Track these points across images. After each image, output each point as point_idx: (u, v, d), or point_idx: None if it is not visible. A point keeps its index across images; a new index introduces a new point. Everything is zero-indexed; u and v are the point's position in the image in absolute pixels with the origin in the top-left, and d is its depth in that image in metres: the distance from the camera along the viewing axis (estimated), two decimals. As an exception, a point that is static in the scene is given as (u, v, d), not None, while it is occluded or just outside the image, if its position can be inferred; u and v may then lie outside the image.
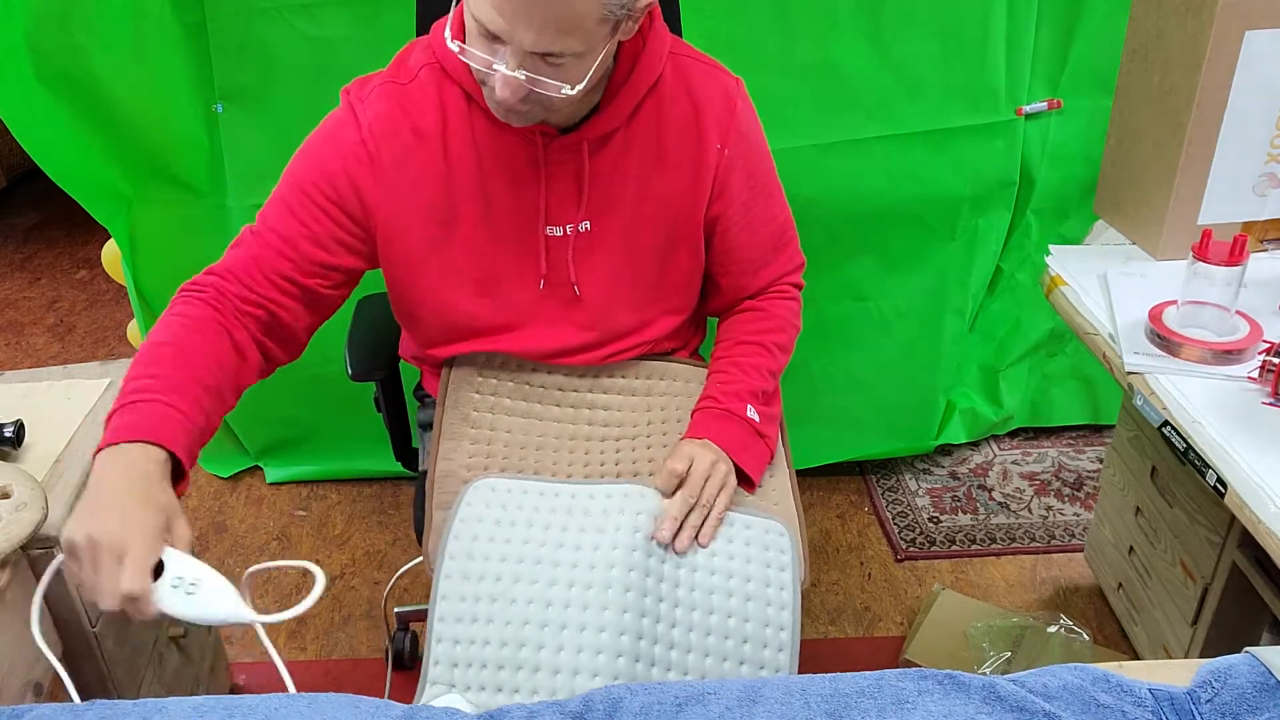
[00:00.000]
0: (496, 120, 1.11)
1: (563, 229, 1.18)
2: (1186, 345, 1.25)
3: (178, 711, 0.82)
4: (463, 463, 1.20)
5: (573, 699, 0.83)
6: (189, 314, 1.08)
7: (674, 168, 1.18)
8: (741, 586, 1.07)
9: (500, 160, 1.14)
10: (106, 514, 0.88)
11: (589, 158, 1.15)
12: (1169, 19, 1.38)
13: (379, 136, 1.12)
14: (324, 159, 1.13)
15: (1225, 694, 0.81)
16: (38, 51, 1.73)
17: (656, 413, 1.28)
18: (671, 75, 1.16)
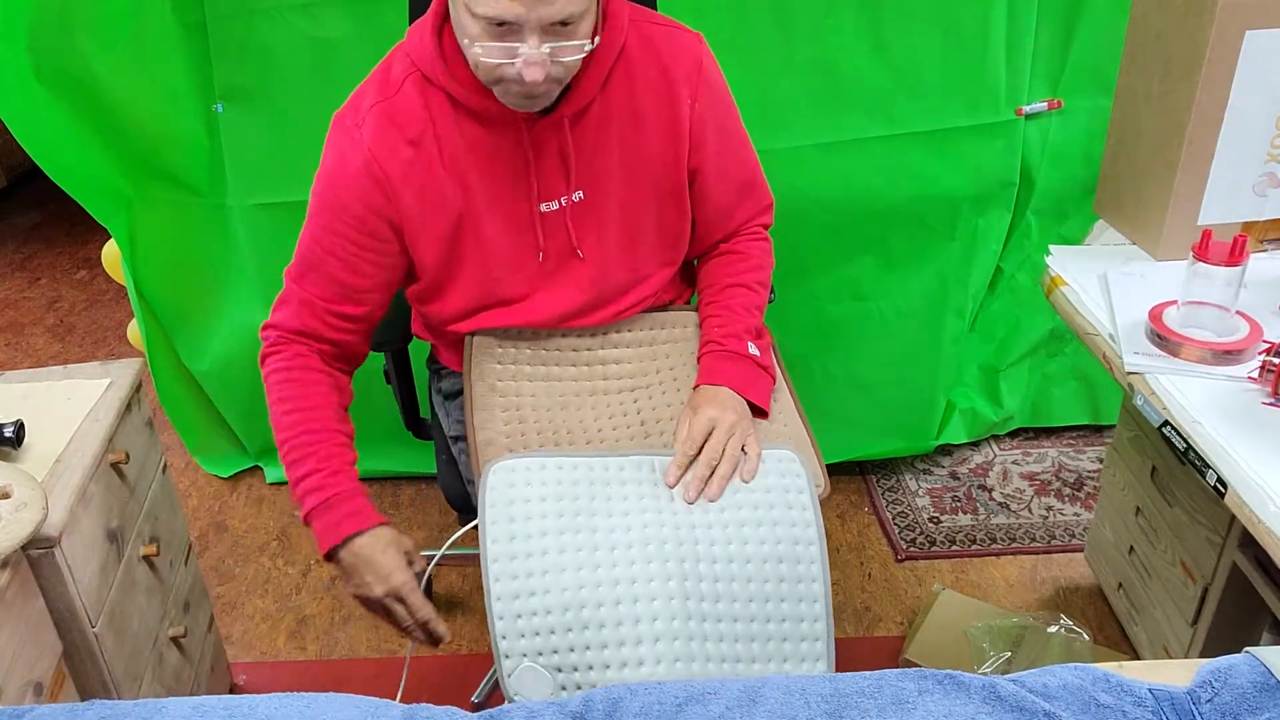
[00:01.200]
0: (479, 117, 1.18)
1: (557, 202, 1.24)
2: (1186, 345, 1.25)
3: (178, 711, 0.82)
4: (499, 430, 1.27)
5: (572, 699, 0.84)
6: (298, 378, 1.24)
7: (652, 128, 1.24)
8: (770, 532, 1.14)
9: (489, 152, 1.20)
10: (373, 578, 1.22)
11: (570, 131, 1.20)
12: (1169, 19, 1.38)
13: (381, 157, 1.18)
14: (342, 196, 1.20)
15: (1225, 694, 0.81)
16: (38, 51, 1.73)
17: (663, 360, 1.36)
18: (635, 41, 1.22)
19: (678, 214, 1.32)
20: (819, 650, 1.11)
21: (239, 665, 1.88)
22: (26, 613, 1.17)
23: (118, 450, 1.39)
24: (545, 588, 1.08)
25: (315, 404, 1.24)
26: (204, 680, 1.66)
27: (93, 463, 1.30)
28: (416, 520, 2.24)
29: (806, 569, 1.13)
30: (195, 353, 2.16)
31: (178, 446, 2.39)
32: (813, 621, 1.11)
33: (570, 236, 1.27)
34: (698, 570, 1.09)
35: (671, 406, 1.30)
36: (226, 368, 2.16)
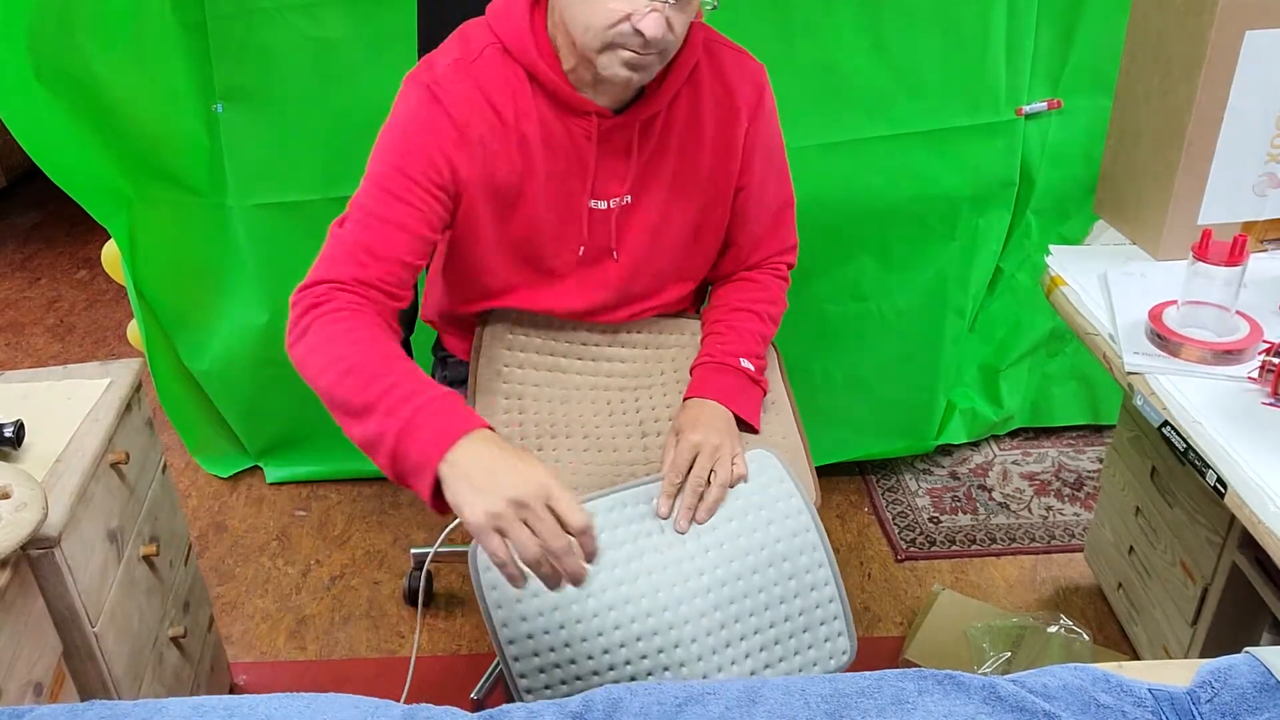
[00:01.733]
0: (556, 102, 1.19)
1: (607, 202, 1.26)
2: (1186, 345, 1.25)
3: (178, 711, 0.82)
4: (499, 419, 1.28)
5: (572, 699, 0.84)
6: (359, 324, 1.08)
7: (708, 146, 1.27)
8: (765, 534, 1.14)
9: (556, 138, 1.21)
10: (508, 477, 0.92)
11: (636, 136, 1.22)
12: (1169, 19, 1.38)
13: (467, 115, 1.16)
14: (422, 144, 1.15)
15: (1225, 694, 0.81)
16: (38, 51, 1.73)
17: (668, 364, 1.39)
18: (705, 60, 1.25)
19: (714, 234, 1.34)
20: (839, 627, 1.14)
21: (239, 665, 1.88)
22: (26, 613, 1.17)
23: (118, 450, 1.39)
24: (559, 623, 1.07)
25: (384, 342, 1.08)
26: (204, 680, 1.66)
27: (93, 463, 1.30)
28: (416, 520, 2.24)
29: (810, 557, 1.14)
30: (195, 353, 2.16)
31: (178, 446, 2.39)
32: (828, 603, 1.14)
33: (611, 237, 1.28)
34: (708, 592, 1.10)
35: (670, 408, 1.32)
36: (226, 368, 2.16)
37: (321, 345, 1.06)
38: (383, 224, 1.14)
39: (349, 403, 1.02)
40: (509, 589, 1.05)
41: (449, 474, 0.95)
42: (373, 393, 1.00)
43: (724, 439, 1.21)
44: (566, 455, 1.27)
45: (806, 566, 1.13)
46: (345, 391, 1.02)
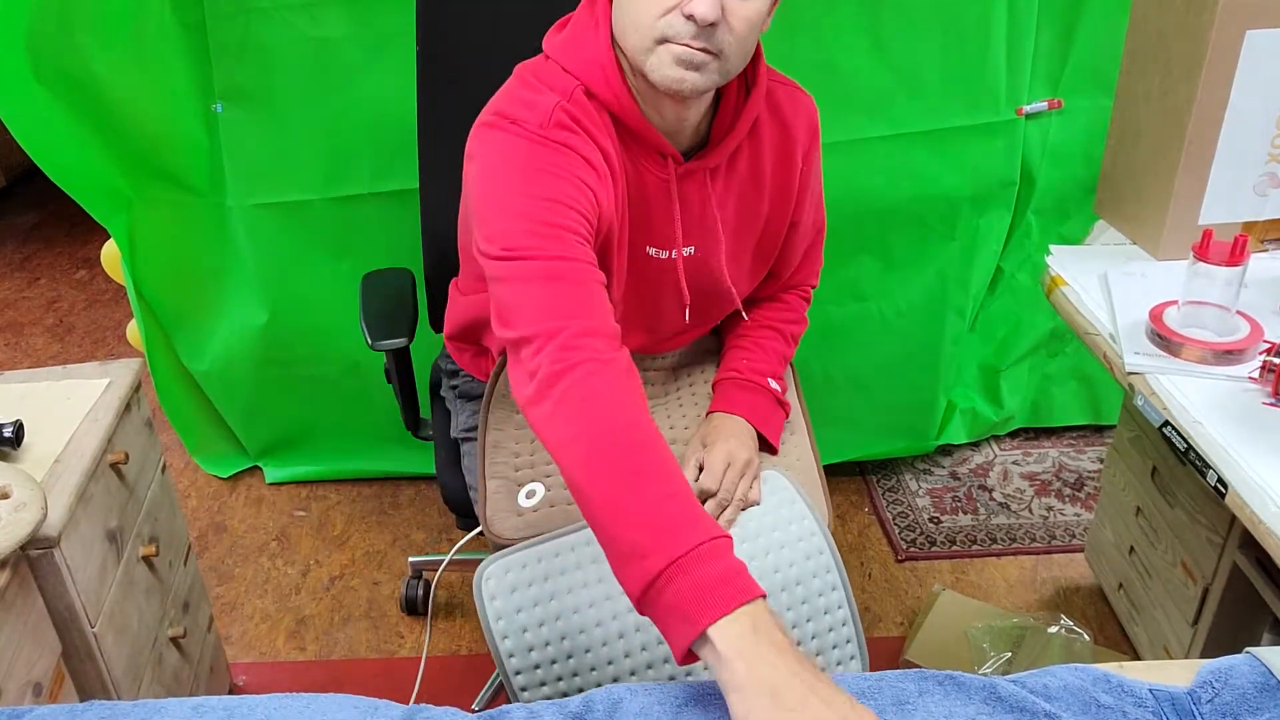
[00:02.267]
0: (634, 144, 1.14)
1: (670, 252, 1.22)
2: (1187, 345, 1.25)
3: (177, 712, 0.82)
4: (511, 434, 1.27)
5: (573, 699, 0.83)
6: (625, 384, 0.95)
7: (766, 191, 1.25)
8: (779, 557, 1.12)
9: (637, 186, 1.16)
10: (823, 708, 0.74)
11: (709, 183, 1.19)
12: (1169, 19, 1.38)
13: (583, 149, 1.07)
14: (556, 173, 1.04)
15: (1226, 694, 0.81)
16: (37, 51, 1.73)
17: (684, 379, 1.40)
18: (765, 108, 1.22)
19: (755, 273, 1.33)
20: (852, 650, 1.13)
21: (238, 665, 1.88)
22: (26, 613, 1.17)
23: (117, 450, 1.39)
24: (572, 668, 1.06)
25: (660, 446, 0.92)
26: (203, 681, 1.66)
27: (92, 463, 1.30)
28: (416, 521, 2.24)
29: (824, 580, 1.12)
30: (194, 353, 2.16)
31: (177, 447, 2.39)
32: (841, 626, 1.12)
33: (681, 288, 1.24)
34: None
35: (689, 428, 1.31)
36: (226, 368, 2.16)
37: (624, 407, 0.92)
38: (574, 264, 1.00)
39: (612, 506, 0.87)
40: (511, 599, 1.05)
41: (731, 655, 0.77)
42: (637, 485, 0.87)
43: (753, 455, 1.20)
44: None
45: (820, 589, 1.12)
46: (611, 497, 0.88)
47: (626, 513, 0.86)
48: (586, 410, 0.91)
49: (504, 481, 1.23)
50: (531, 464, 1.25)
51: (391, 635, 1.94)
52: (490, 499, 1.22)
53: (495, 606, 1.07)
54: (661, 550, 0.83)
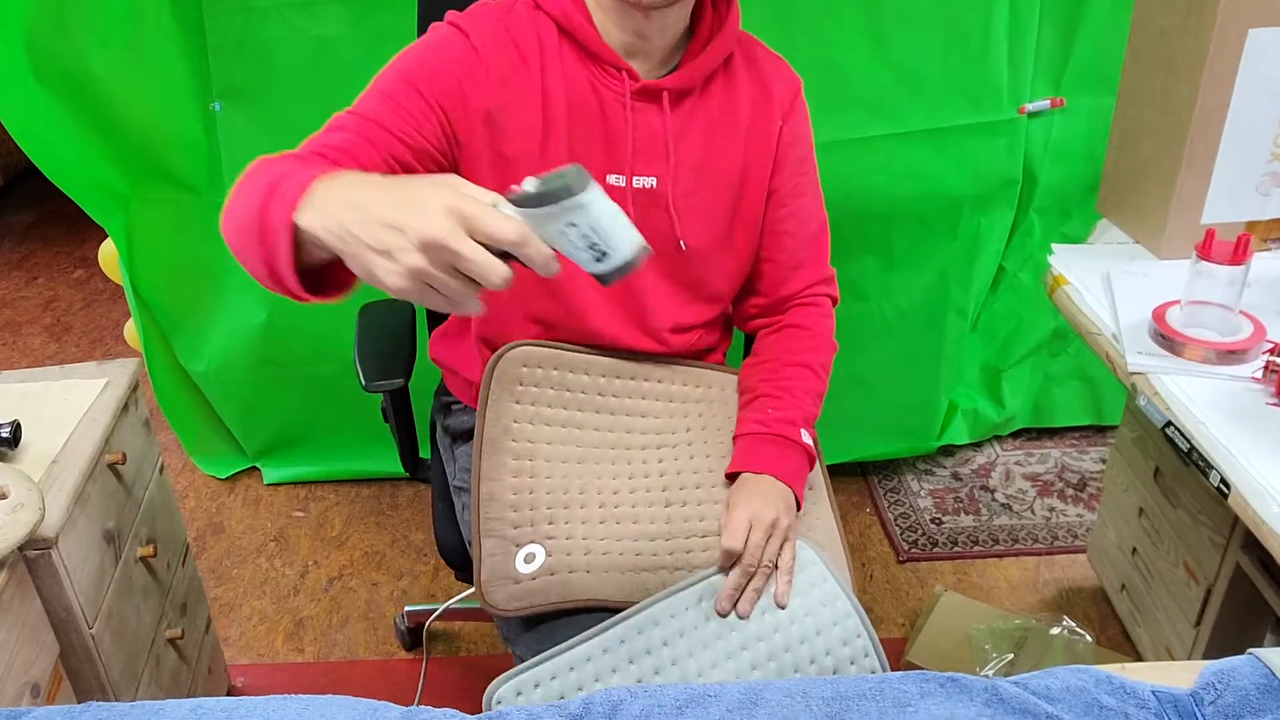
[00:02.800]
0: (584, 56, 1.14)
1: (627, 180, 1.17)
2: (1190, 345, 1.24)
3: (175, 713, 0.82)
4: (508, 484, 1.16)
5: (572, 700, 0.83)
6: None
7: (739, 140, 1.21)
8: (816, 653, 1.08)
9: (586, 103, 1.15)
10: (406, 217, 0.73)
11: (669, 109, 1.17)
12: (1172, 17, 1.38)
13: (489, 48, 1.11)
14: (435, 61, 1.10)
15: (1228, 695, 0.81)
16: (35, 51, 1.73)
17: (695, 419, 1.28)
18: (741, 55, 1.23)
19: (746, 240, 1.25)
20: None
21: (236, 667, 1.88)
22: (23, 614, 1.16)
23: (115, 451, 1.38)
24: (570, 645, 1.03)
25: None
26: (201, 682, 1.65)
27: (89, 463, 1.30)
28: (415, 521, 2.23)
29: (861, 665, 1.08)
30: (192, 353, 2.15)
31: (175, 447, 2.38)
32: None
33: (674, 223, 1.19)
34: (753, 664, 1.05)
35: (698, 474, 1.22)
36: (224, 368, 2.15)
37: (238, 189, 0.93)
38: (373, 127, 1.06)
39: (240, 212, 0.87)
40: None
41: (318, 226, 0.77)
42: (258, 185, 0.86)
43: (781, 514, 1.13)
44: (581, 529, 1.14)
45: (858, 674, 1.06)
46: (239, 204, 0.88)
47: (251, 200, 0.85)
48: (238, 183, 0.92)
49: (500, 541, 1.12)
50: (531, 520, 1.14)
51: (390, 637, 1.94)
52: (486, 562, 1.12)
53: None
54: (260, 202, 0.82)
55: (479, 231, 0.72)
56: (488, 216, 0.73)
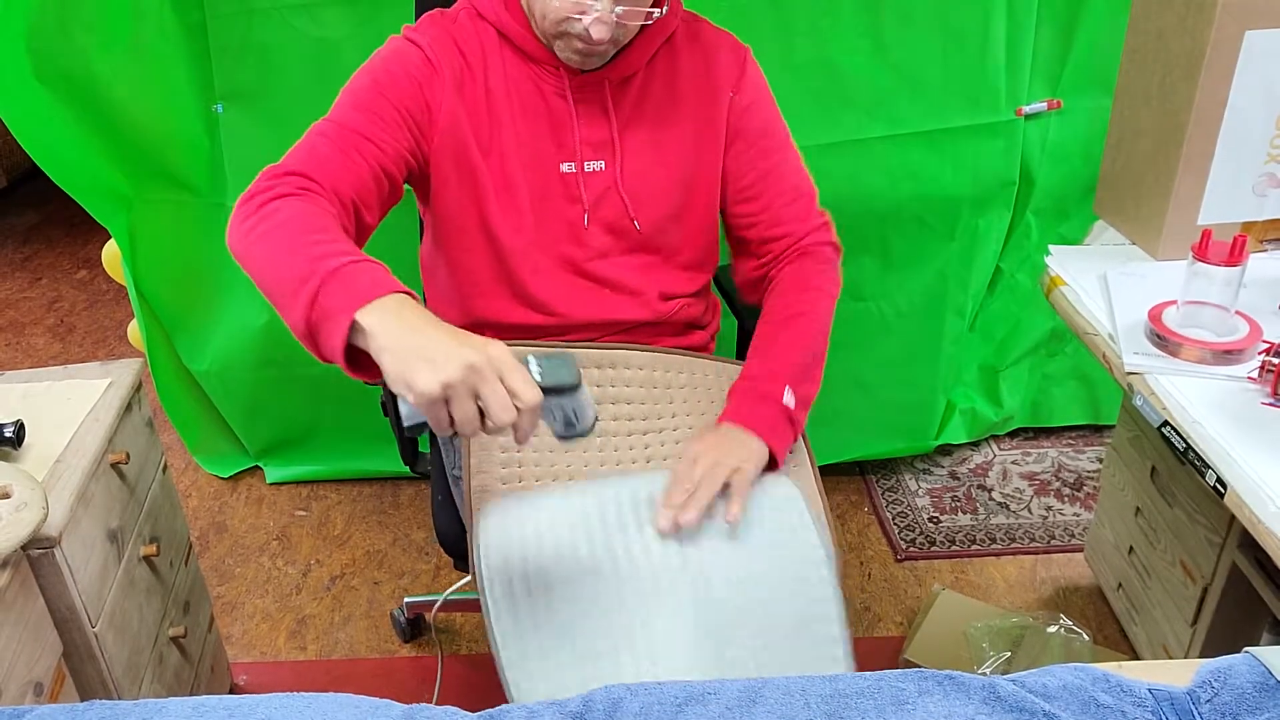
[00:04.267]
0: (524, 57, 1.21)
1: (585, 165, 1.24)
2: (1186, 345, 1.25)
3: (178, 712, 0.82)
4: (496, 475, 1.20)
5: (572, 699, 0.83)
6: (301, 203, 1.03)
7: (687, 116, 1.26)
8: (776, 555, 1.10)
9: (529, 99, 1.22)
10: (457, 345, 0.86)
11: (611, 96, 1.22)
12: (1169, 19, 1.38)
13: (439, 54, 1.19)
14: (399, 71, 1.18)
15: (1225, 694, 0.81)
16: (38, 52, 1.73)
17: (679, 404, 1.30)
18: (684, 31, 1.26)
19: (705, 209, 1.30)
20: (837, 654, 1.07)
21: (239, 665, 1.88)
22: (26, 613, 1.17)
23: (118, 450, 1.39)
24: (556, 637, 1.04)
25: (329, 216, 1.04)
26: (204, 680, 1.66)
27: (93, 463, 1.30)
28: (416, 521, 2.24)
29: (819, 589, 1.09)
30: (195, 353, 2.16)
31: (178, 447, 2.39)
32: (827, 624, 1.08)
33: (584, 201, 1.25)
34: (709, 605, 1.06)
35: (680, 445, 1.25)
36: (226, 368, 2.16)
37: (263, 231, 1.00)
38: (349, 132, 1.13)
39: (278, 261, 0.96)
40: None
41: (379, 329, 0.87)
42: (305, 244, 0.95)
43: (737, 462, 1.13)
44: None
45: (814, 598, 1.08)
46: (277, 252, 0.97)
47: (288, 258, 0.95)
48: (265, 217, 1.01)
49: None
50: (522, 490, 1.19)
51: (392, 635, 1.94)
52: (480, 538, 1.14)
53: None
54: (316, 273, 0.91)
55: (507, 381, 0.86)
56: (520, 374, 0.87)
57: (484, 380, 0.85)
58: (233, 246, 1.03)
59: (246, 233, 1.01)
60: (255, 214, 1.02)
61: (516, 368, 0.87)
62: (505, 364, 0.86)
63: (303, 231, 0.98)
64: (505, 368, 0.86)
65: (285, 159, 1.13)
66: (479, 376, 0.85)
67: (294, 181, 1.07)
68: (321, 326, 0.91)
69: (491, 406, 0.86)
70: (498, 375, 0.86)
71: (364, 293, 0.89)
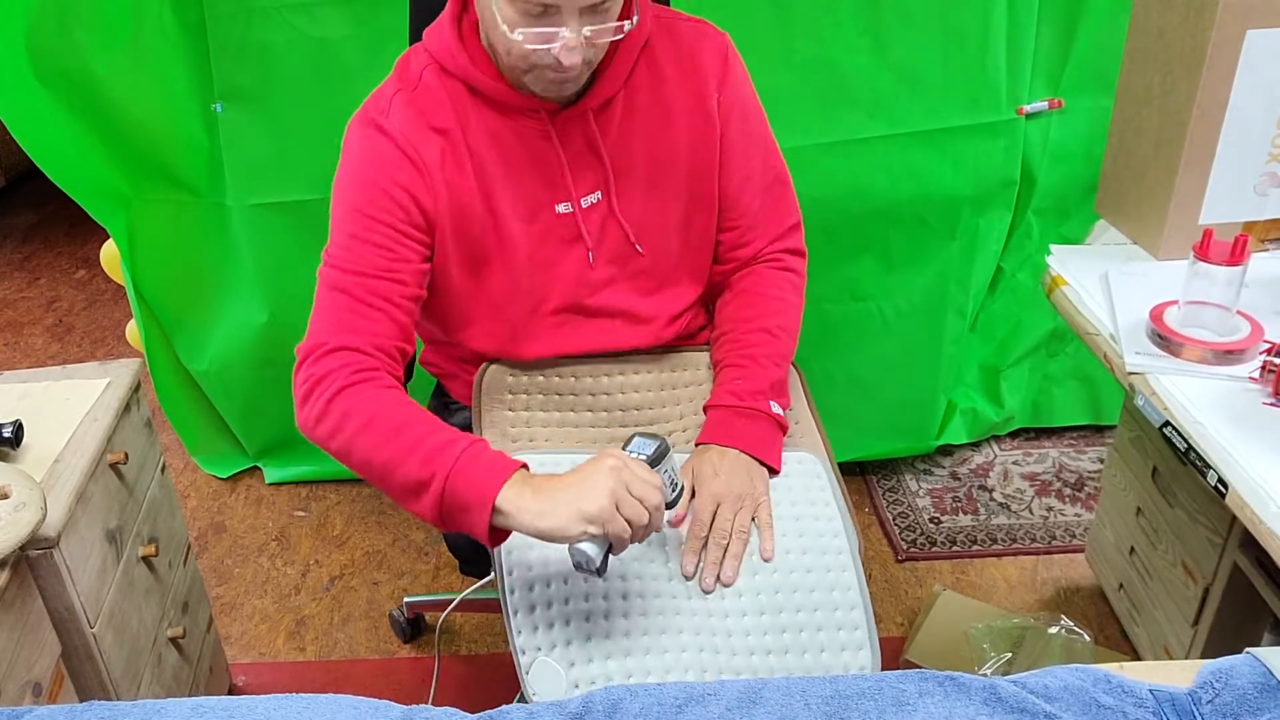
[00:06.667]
0: (499, 107, 1.15)
1: (581, 201, 1.20)
2: (1187, 345, 1.25)
3: (176, 712, 0.82)
4: None
5: (572, 700, 0.83)
6: (369, 393, 1.07)
7: (679, 121, 1.21)
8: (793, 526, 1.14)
9: (513, 148, 1.16)
10: (588, 475, 0.98)
11: (595, 123, 1.17)
12: (1170, 18, 1.38)
13: (415, 143, 1.13)
14: (378, 180, 1.12)
15: (1226, 695, 0.81)
16: (37, 51, 1.73)
17: (686, 404, 1.32)
18: (660, 34, 1.20)
19: (705, 216, 1.26)
20: (860, 639, 1.10)
21: (238, 666, 1.88)
22: (25, 613, 1.17)
23: (116, 450, 1.39)
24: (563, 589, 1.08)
25: (407, 405, 1.09)
26: (203, 681, 1.66)
27: (91, 463, 1.30)
28: (415, 521, 2.24)
29: (835, 559, 1.13)
30: (194, 353, 2.16)
31: (176, 447, 2.39)
32: (849, 610, 1.10)
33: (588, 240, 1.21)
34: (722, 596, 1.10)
35: (689, 449, 1.25)
36: (225, 368, 2.16)
37: (355, 432, 1.05)
38: (364, 278, 1.11)
39: (386, 469, 1.04)
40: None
41: (516, 510, 0.98)
42: (404, 446, 1.03)
43: (747, 488, 1.16)
44: None
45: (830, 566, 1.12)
46: (386, 457, 1.04)
47: (396, 466, 1.03)
48: (344, 418, 1.06)
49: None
50: None
51: (391, 636, 1.94)
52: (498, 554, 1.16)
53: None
54: (436, 475, 1.00)
55: (635, 488, 0.98)
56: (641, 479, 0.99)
57: (624, 500, 0.97)
58: (320, 443, 1.08)
59: (332, 434, 1.07)
60: (326, 412, 1.07)
61: (635, 472, 0.99)
62: (627, 473, 0.98)
63: (394, 432, 1.04)
64: (628, 477, 0.98)
65: (315, 328, 1.12)
66: (620, 499, 0.97)
67: (342, 363, 1.08)
68: (457, 520, 1.01)
69: (634, 521, 0.97)
70: (627, 489, 0.97)
71: (488, 485, 0.99)
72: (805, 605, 1.09)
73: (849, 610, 1.10)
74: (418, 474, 1.01)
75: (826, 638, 1.09)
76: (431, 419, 1.06)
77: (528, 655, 1.05)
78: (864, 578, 1.13)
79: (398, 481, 1.03)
